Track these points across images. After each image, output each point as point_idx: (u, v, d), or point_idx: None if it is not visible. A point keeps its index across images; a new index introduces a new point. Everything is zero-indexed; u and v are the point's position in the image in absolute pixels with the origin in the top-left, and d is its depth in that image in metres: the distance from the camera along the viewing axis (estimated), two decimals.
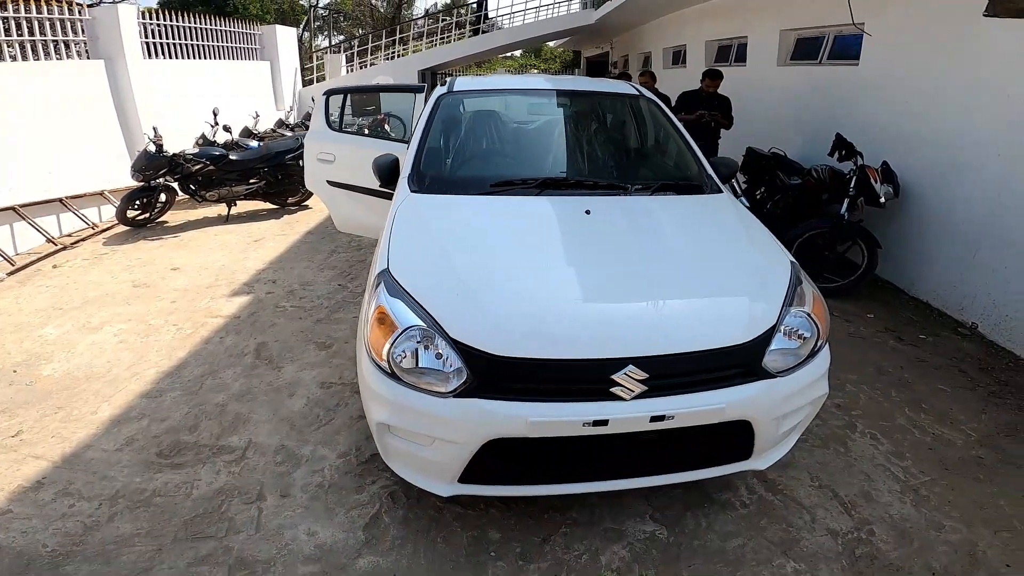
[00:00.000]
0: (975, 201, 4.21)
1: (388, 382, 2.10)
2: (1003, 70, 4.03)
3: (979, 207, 4.17)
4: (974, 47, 4.26)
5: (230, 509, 2.47)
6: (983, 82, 4.19)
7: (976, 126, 4.24)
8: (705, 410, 2.01)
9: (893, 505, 2.50)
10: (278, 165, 7.11)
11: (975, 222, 4.19)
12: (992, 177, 4.08)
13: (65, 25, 7.49)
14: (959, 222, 4.33)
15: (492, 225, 2.74)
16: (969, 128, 4.30)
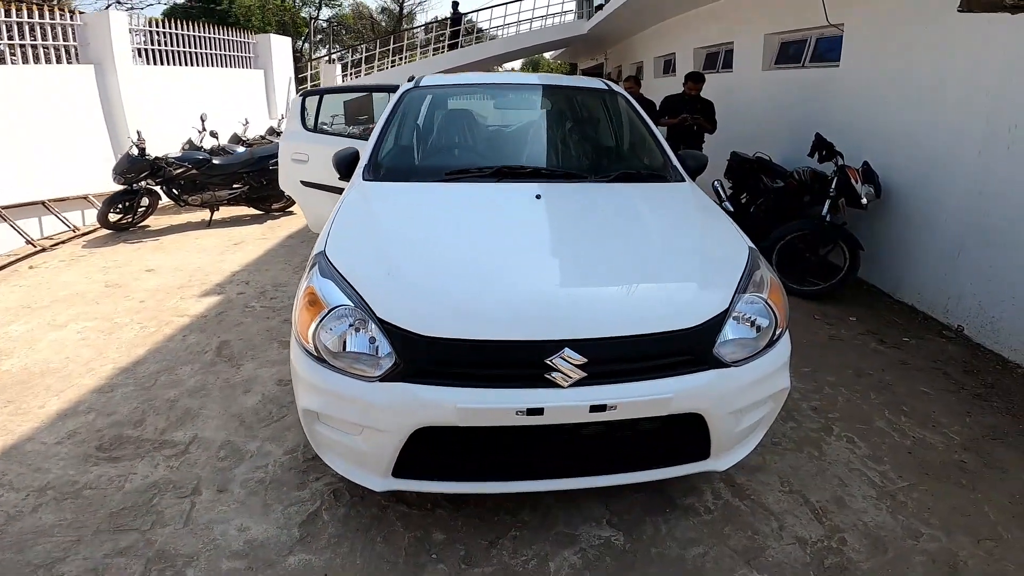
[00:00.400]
0: (957, 199, 4.05)
1: (314, 366, 1.94)
2: (977, 65, 3.91)
3: (961, 205, 4.01)
4: (948, 42, 4.15)
5: (161, 503, 2.33)
6: (957, 77, 4.07)
7: (953, 122, 4.10)
8: (650, 400, 1.82)
9: (868, 512, 2.29)
10: (262, 170, 6.96)
11: (958, 221, 4.03)
12: (972, 174, 3.93)
13: (56, 30, 7.39)
14: (942, 222, 4.16)
15: (437, 210, 2.61)
16: (946, 125, 4.16)
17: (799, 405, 3.00)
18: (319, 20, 29.39)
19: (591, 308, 1.93)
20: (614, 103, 3.62)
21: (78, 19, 7.75)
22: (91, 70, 7.64)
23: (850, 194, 4.46)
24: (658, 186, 2.91)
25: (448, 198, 2.72)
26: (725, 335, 1.94)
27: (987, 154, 3.81)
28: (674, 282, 2.10)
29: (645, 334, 1.86)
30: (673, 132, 5.91)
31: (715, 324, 1.92)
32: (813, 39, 5.97)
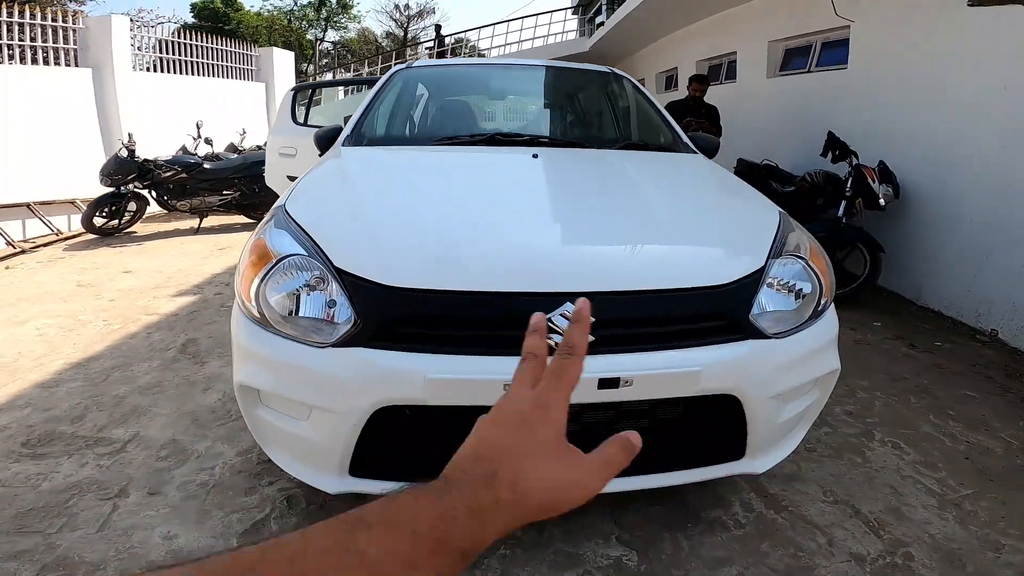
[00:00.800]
0: (981, 197, 3.70)
1: (255, 331, 1.52)
2: (992, 56, 3.62)
3: (986, 204, 3.66)
4: (960, 35, 3.87)
5: (77, 505, 1.92)
6: (972, 70, 3.78)
7: (971, 117, 3.79)
8: (674, 373, 1.40)
9: (932, 523, 1.86)
10: (255, 176, 6.59)
11: (984, 221, 3.67)
12: (995, 170, 3.59)
13: (57, 32, 7.16)
14: (967, 222, 3.80)
15: (422, 169, 2.25)
16: (964, 120, 3.85)
17: (831, 410, 2.57)
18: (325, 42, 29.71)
19: (599, 258, 1.54)
20: (620, 84, 3.28)
21: (80, 23, 7.52)
22: (88, 74, 7.38)
23: (867, 194, 4.11)
24: (670, 155, 2.56)
25: (434, 159, 2.37)
26: (761, 305, 1.54)
27: (1011, 148, 3.48)
28: (697, 239, 1.71)
29: (666, 289, 1.46)
30: None
31: (750, 285, 1.52)
32: (818, 44, 5.72)
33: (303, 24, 29.85)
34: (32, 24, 6.87)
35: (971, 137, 3.79)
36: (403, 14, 30.58)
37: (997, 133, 3.59)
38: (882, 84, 4.65)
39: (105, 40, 7.50)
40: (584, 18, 18.60)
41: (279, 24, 28.05)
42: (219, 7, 27.27)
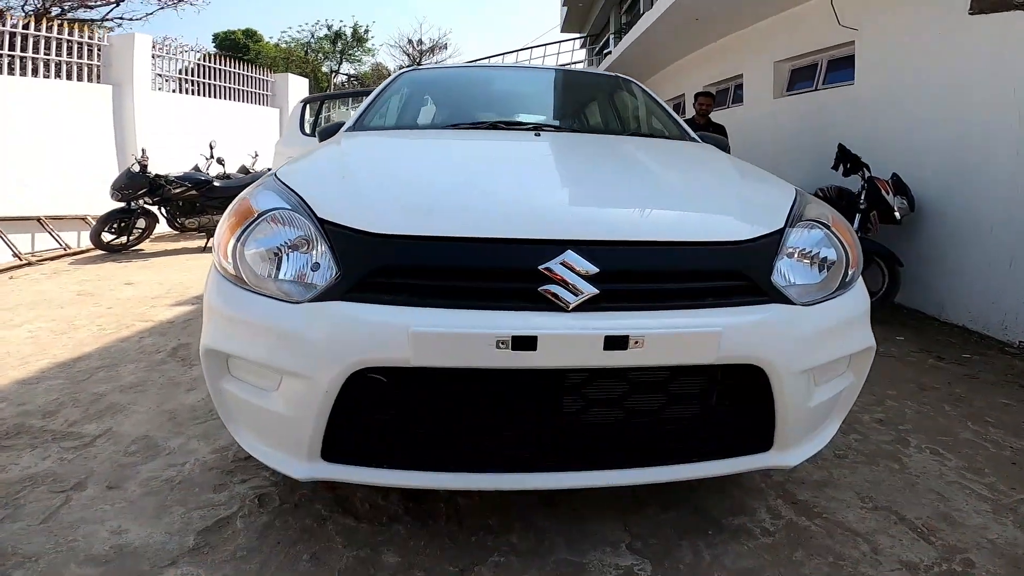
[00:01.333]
0: (999, 207, 3.49)
1: (229, 288, 1.34)
2: (1000, 62, 3.48)
3: (1005, 213, 3.45)
4: (967, 43, 3.74)
5: (27, 497, 1.71)
6: (981, 78, 3.64)
7: (983, 125, 3.62)
8: (691, 334, 1.19)
9: (990, 527, 1.60)
10: None
11: (1005, 230, 3.45)
12: (1012, 178, 3.40)
13: (83, 49, 7.17)
14: (987, 232, 3.58)
15: (418, 145, 2.08)
16: (976, 129, 3.68)
17: (860, 417, 2.32)
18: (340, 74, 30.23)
19: (604, 207, 1.35)
20: (627, 87, 3.15)
21: (104, 40, 7.53)
22: (109, 91, 7.35)
23: (882, 207, 3.91)
24: (680, 141, 2.39)
25: (433, 139, 2.23)
26: (784, 275, 1.33)
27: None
28: (711, 202, 1.53)
29: (679, 242, 1.26)
30: None
31: (769, 246, 1.33)
32: (824, 62, 5.61)
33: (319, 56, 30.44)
34: (59, 39, 6.88)
35: (985, 144, 3.61)
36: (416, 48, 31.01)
37: (1010, 140, 3.42)
38: (890, 97, 4.51)
39: (127, 58, 7.49)
40: (592, 48, 18.86)
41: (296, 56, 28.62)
42: (240, 38, 28.03)
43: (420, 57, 30.36)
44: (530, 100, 2.98)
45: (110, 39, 7.68)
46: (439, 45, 31.14)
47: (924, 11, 4.16)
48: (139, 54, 7.62)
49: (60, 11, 14.83)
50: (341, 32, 30.36)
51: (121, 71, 7.50)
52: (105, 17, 16.00)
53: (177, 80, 8.87)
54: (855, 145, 4.32)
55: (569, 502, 1.68)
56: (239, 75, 10.11)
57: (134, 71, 7.50)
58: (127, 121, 7.43)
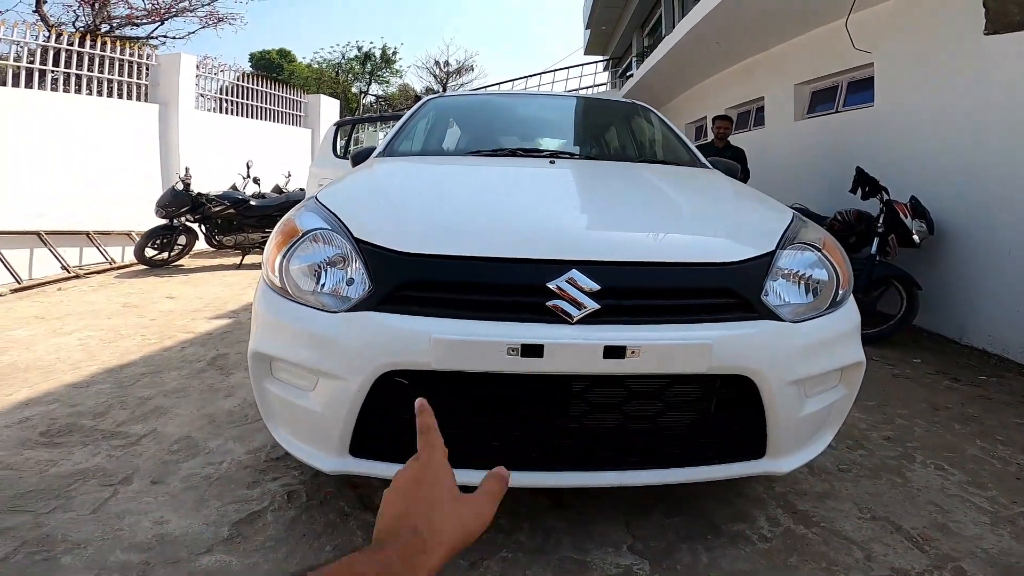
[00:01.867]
0: (1019, 228, 3.48)
1: (275, 300, 1.50)
2: (1018, 83, 3.50)
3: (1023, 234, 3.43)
4: (984, 64, 3.76)
5: (78, 489, 1.86)
6: (999, 99, 3.65)
7: (1002, 147, 3.62)
8: (684, 345, 1.30)
9: (985, 538, 1.64)
10: None
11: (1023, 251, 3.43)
12: None
13: (132, 67, 7.38)
14: (1006, 254, 3.56)
15: (446, 171, 2.27)
16: (995, 150, 3.67)
17: (868, 435, 2.35)
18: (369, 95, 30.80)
19: (607, 229, 1.49)
20: (643, 114, 3.27)
21: (153, 59, 7.75)
22: (156, 110, 7.55)
23: (900, 231, 3.91)
24: (685, 168, 2.51)
25: (457, 166, 2.41)
26: (776, 294, 1.43)
27: None
28: (707, 226, 1.64)
29: (676, 262, 1.38)
30: None
31: (759, 267, 1.43)
32: (844, 84, 5.63)
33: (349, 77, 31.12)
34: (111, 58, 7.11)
35: (1004, 167, 3.61)
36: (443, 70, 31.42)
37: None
38: (909, 118, 4.52)
39: (173, 78, 7.67)
40: (615, 71, 19.00)
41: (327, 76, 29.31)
42: (275, 58, 28.97)
43: (447, 79, 30.80)
44: (547, 127, 3.13)
45: (158, 58, 7.86)
46: (465, 67, 31.57)
47: (940, 32, 4.19)
48: (184, 74, 7.81)
49: (108, 28, 15.42)
50: (371, 53, 31.07)
51: (168, 90, 7.71)
52: (150, 35, 16.61)
53: (215, 99, 9.08)
54: (875, 167, 4.34)
55: (576, 505, 1.77)
56: (274, 95, 10.29)
57: (179, 91, 7.69)
58: (171, 140, 7.65)
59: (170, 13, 15.99)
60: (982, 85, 3.80)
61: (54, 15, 14.92)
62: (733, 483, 1.90)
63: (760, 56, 7.08)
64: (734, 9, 5.75)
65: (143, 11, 15.66)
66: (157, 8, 15.71)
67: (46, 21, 13.97)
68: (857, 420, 2.49)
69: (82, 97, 6.78)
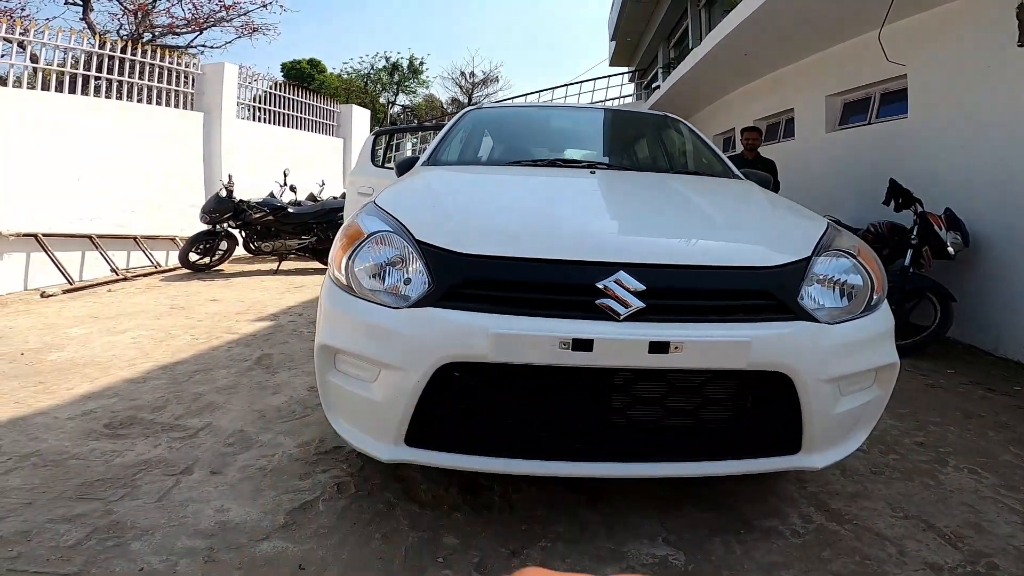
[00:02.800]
0: None
1: (342, 296, 1.62)
2: None
3: None
4: (1019, 77, 3.72)
5: (143, 478, 1.99)
6: None
7: None
8: (724, 342, 1.37)
9: (1017, 536, 1.67)
10: (331, 223, 6.96)
11: None
12: None
13: (179, 76, 7.61)
14: None
15: (492, 180, 2.37)
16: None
17: (900, 440, 2.37)
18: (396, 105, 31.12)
19: (651, 234, 1.58)
20: (674, 126, 3.34)
21: (199, 68, 7.97)
22: (200, 118, 7.75)
23: (934, 243, 3.87)
24: (721, 179, 2.57)
25: (503, 173, 2.51)
26: (812, 299, 1.49)
27: None
28: (746, 234, 1.71)
29: (716, 266, 1.46)
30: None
31: (796, 272, 1.49)
32: (877, 95, 5.59)
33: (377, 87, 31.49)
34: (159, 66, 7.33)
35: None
36: (468, 81, 31.61)
37: None
38: (944, 130, 4.48)
39: (217, 86, 7.86)
40: (641, 83, 18.95)
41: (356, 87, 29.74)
42: (305, 68, 29.59)
43: (472, 90, 31.01)
44: (583, 139, 3.23)
45: (203, 67, 8.06)
46: (491, 78, 31.76)
47: (973, 43, 4.17)
48: (228, 83, 8.02)
49: (151, 36, 15.91)
50: (398, 64, 31.47)
51: (212, 99, 7.91)
52: (189, 44, 17.04)
53: (251, 108, 9.25)
54: (908, 179, 4.31)
55: (611, 500, 1.83)
56: (308, 105, 10.46)
57: (223, 99, 7.89)
58: (214, 147, 7.85)
59: (209, 23, 16.38)
60: (1016, 96, 3.77)
61: (100, 23, 15.43)
62: (764, 482, 1.95)
63: (790, 67, 7.06)
64: (764, 21, 5.75)
65: (183, 20, 16.10)
66: (197, 18, 16.14)
67: (92, 29, 14.46)
68: (889, 427, 2.50)
69: (133, 104, 7.03)
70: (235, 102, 8.31)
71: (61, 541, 1.61)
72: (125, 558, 1.56)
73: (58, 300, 5.14)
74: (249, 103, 9.17)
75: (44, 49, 6.33)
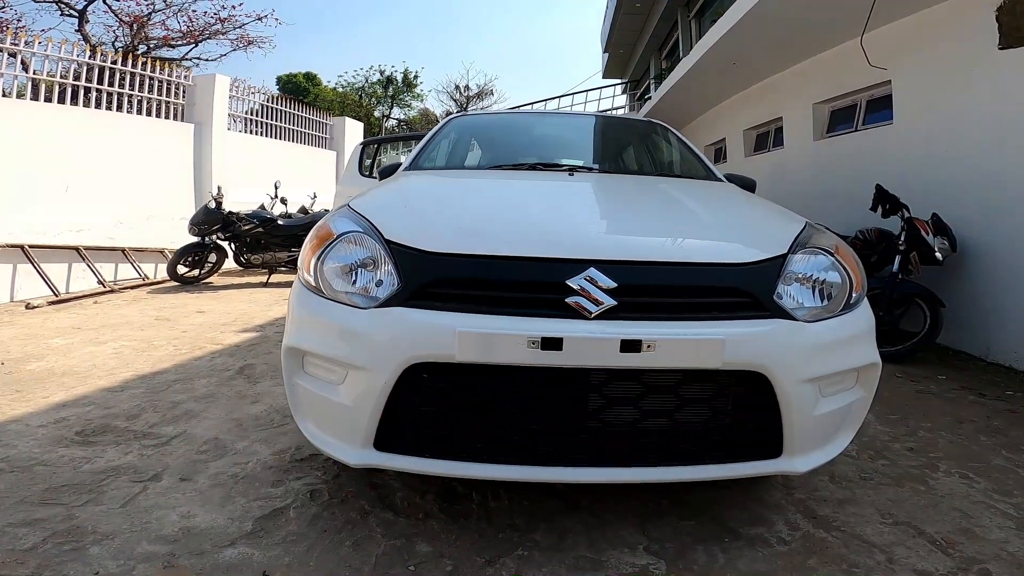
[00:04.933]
0: None
1: (309, 297, 1.58)
2: None
3: None
4: (1001, 80, 3.74)
5: (109, 485, 1.93)
6: (1017, 115, 3.62)
7: (1019, 163, 3.59)
8: (697, 340, 1.33)
9: (1011, 541, 1.61)
10: None
11: None
12: None
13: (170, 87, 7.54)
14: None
15: (469, 182, 2.37)
16: (1016, 165, 3.63)
17: (890, 446, 2.31)
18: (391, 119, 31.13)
19: (624, 231, 1.54)
20: (659, 131, 3.33)
21: (190, 79, 7.90)
22: (191, 129, 7.67)
23: (922, 248, 3.84)
24: (701, 180, 2.56)
25: (480, 178, 2.50)
26: (790, 297, 1.45)
27: None
28: (722, 231, 1.68)
29: (690, 262, 1.42)
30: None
31: (772, 269, 1.45)
32: (863, 102, 5.60)
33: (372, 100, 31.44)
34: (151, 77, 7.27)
35: (1022, 182, 3.55)
36: (462, 94, 31.42)
37: None
38: (929, 135, 4.48)
39: (208, 98, 7.80)
40: (634, 94, 19.10)
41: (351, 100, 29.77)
42: (301, 81, 29.63)
43: (467, 103, 31.03)
44: (566, 144, 3.22)
45: (194, 79, 7.99)
46: (485, 91, 31.81)
47: (956, 48, 4.17)
48: (219, 95, 7.96)
49: (146, 48, 15.83)
50: (393, 77, 31.53)
51: (203, 111, 7.85)
52: (184, 57, 16.95)
53: (244, 120, 9.20)
54: (895, 185, 4.29)
55: (593, 506, 1.77)
56: (301, 117, 10.41)
57: (214, 111, 7.83)
58: (205, 159, 7.79)
59: (204, 35, 16.35)
60: (1000, 100, 3.78)
61: (95, 35, 15.43)
62: (750, 489, 1.89)
63: (778, 76, 7.08)
64: (751, 28, 5.78)
65: (179, 32, 16.07)
66: (192, 30, 16.12)
67: (88, 40, 14.45)
68: (879, 432, 2.45)
69: (123, 115, 6.98)
70: (226, 114, 8.26)
71: (17, 544, 1.56)
72: (81, 562, 1.50)
73: (42, 311, 5.08)
74: (243, 115, 9.10)
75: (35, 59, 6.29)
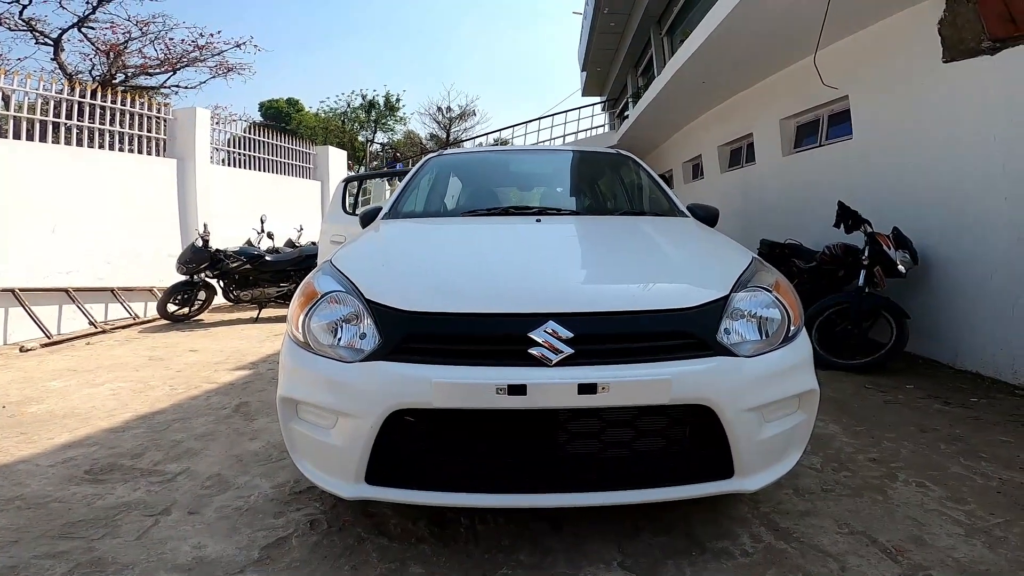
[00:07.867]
0: (998, 252, 3.64)
1: (299, 352, 1.77)
2: (981, 110, 3.72)
3: (1005, 257, 3.59)
4: (949, 94, 3.98)
5: (123, 519, 2.09)
6: (966, 128, 3.86)
7: (973, 174, 3.81)
8: (646, 381, 1.52)
9: (957, 548, 1.78)
10: (309, 269, 7.02)
11: (1007, 274, 3.58)
12: (1008, 222, 3.57)
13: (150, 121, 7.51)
14: (989, 278, 3.70)
15: (443, 233, 2.59)
16: (967, 177, 3.86)
17: (854, 457, 2.49)
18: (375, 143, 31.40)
19: (579, 284, 1.77)
20: (624, 162, 3.56)
21: (170, 114, 7.90)
22: (174, 164, 7.69)
23: (885, 262, 4.07)
24: (661, 218, 2.81)
25: (455, 226, 2.71)
26: (732, 331, 1.66)
27: (1012, 199, 3.50)
28: (670, 275, 1.90)
29: (638, 310, 1.62)
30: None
31: (715, 310, 1.65)
32: (825, 117, 5.83)
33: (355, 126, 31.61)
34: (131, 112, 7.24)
35: (978, 192, 3.78)
36: (445, 116, 31.75)
37: (1000, 186, 3.60)
38: (886, 149, 4.70)
39: (189, 132, 7.81)
40: (613, 112, 19.43)
41: (333, 126, 30.06)
42: (283, 107, 29.92)
43: (450, 124, 31.24)
44: (537, 182, 3.50)
45: (174, 112, 7.98)
46: (467, 112, 32.11)
47: (907, 63, 4.38)
48: (200, 128, 7.97)
49: (124, 77, 15.74)
50: (375, 101, 31.81)
51: (184, 145, 7.87)
52: (163, 85, 16.82)
53: (226, 151, 9.13)
54: (857, 200, 4.52)
55: (573, 528, 1.92)
56: (284, 147, 10.38)
57: (196, 145, 7.85)
58: (189, 195, 7.84)
59: (182, 63, 16.21)
60: (950, 113, 3.98)
61: (71, 63, 15.20)
62: (720, 505, 2.05)
63: (747, 92, 7.29)
64: (716, 48, 5.98)
65: (156, 60, 15.92)
66: (170, 58, 15.98)
67: (64, 70, 14.37)
68: (844, 444, 2.63)
69: (106, 152, 7.00)
70: (208, 147, 8.32)
71: (47, 575, 1.71)
72: None
73: (36, 354, 5.19)
74: (225, 147, 9.10)
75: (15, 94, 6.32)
